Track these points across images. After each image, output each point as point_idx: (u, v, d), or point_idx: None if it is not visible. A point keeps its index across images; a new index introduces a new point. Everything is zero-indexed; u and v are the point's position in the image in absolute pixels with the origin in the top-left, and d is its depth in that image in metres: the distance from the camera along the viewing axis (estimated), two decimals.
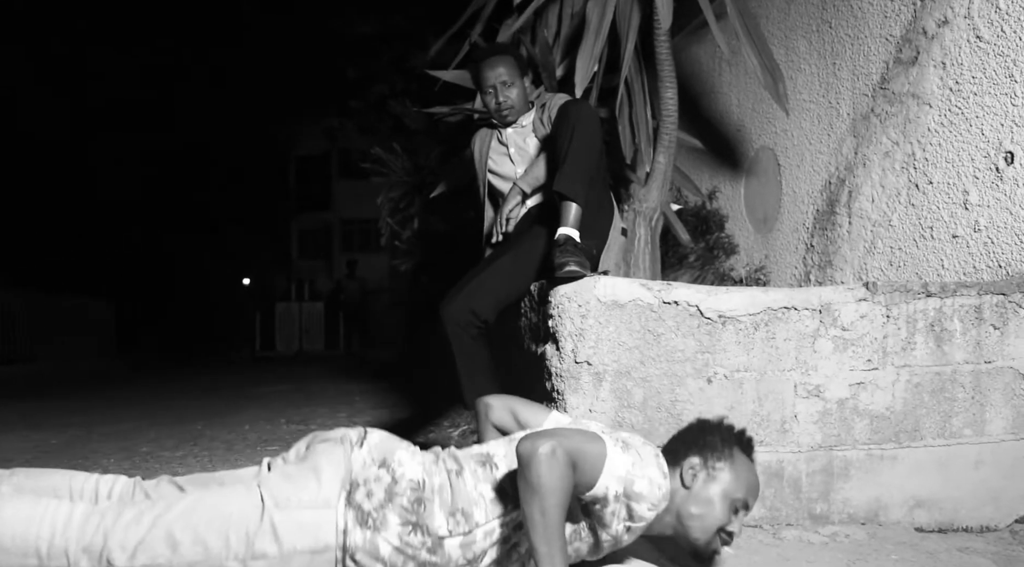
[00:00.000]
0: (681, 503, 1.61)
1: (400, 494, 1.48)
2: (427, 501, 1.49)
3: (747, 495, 1.61)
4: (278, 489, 1.46)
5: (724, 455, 1.63)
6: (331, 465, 1.49)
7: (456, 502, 1.51)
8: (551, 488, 1.37)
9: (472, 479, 1.55)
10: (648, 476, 1.52)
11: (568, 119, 2.40)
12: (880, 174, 2.92)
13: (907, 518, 2.14)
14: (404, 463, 1.53)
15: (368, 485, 1.48)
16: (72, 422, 4.59)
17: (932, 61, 2.68)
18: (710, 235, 3.90)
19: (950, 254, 2.58)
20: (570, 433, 1.48)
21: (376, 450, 1.54)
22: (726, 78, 4.09)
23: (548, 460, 1.37)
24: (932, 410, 2.14)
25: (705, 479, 1.61)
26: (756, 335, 2.12)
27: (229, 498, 1.46)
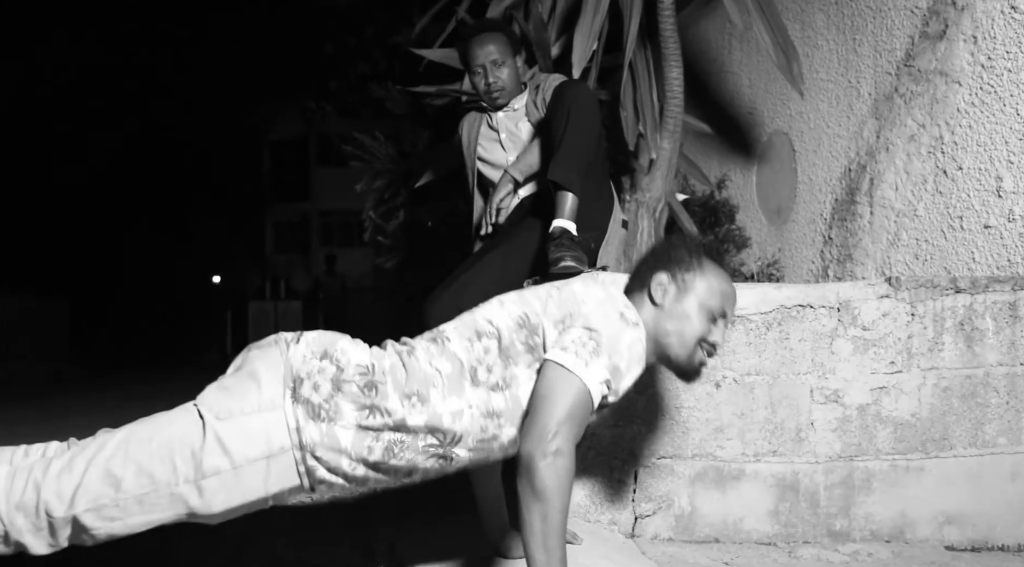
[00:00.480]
0: (655, 323, 1.60)
1: (348, 381, 1.48)
2: (379, 384, 1.48)
3: (723, 302, 1.62)
4: (216, 402, 1.45)
5: (692, 264, 1.63)
6: (269, 367, 1.49)
7: (411, 381, 1.50)
8: (556, 493, 1.36)
9: (425, 355, 1.54)
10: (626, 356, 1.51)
11: (563, 101, 2.38)
12: (905, 160, 2.90)
13: (936, 535, 2.13)
14: (348, 351, 1.53)
15: (312, 378, 1.47)
16: (24, 432, 4.54)
17: (962, 35, 2.66)
18: (719, 227, 3.89)
19: (982, 246, 2.57)
20: (557, 402, 1.43)
21: (315, 343, 1.53)
22: (736, 56, 4.07)
23: (554, 463, 1.37)
24: (962, 417, 2.13)
25: (676, 293, 1.61)
26: (768, 335, 2.10)
27: (166, 422, 1.46)
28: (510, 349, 1.53)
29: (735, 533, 2.13)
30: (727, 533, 2.13)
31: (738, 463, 2.12)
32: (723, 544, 2.12)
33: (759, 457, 2.12)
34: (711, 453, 2.13)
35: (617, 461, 2.14)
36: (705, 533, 2.13)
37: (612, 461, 2.14)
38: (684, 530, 2.13)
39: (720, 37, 4.22)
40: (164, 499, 1.42)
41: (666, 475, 2.13)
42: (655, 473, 2.14)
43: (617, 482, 2.14)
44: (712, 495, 2.13)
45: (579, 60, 2.92)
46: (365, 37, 7.25)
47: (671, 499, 2.13)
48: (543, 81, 2.73)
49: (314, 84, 9.50)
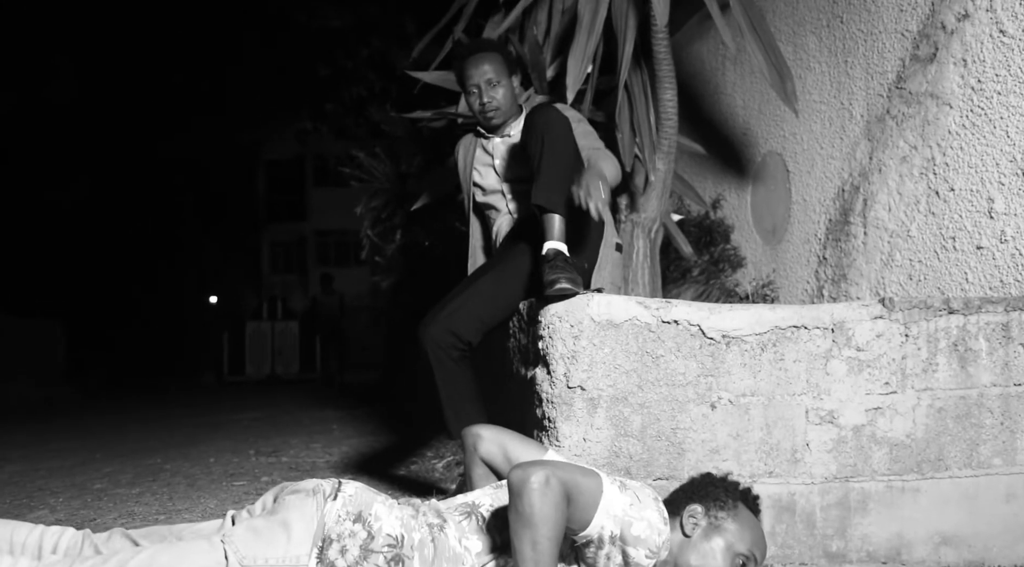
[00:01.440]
0: (680, 553, 1.61)
1: (377, 551, 1.48)
2: (406, 558, 1.49)
3: (752, 549, 1.62)
4: (244, 545, 1.44)
5: (727, 505, 1.65)
6: (302, 519, 1.48)
7: (439, 559, 1.50)
8: (544, 519, 1.37)
9: (456, 532, 1.55)
10: (647, 519, 1.53)
11: (535, 128, 2.41)
12: (897, 181, 2.93)
13: (932, 556, 2.13)
14: (381, 517, 1.53)
15: (342, 541, 1.48)
16: (14, 457, 4.54)
17: (952, 58, 2.70)
18: (714, 247, 3.91)
19: (974, 267, 2.59)
20: (565, 465, 1.49)
21: (351, 503, 1.53)
22: (730, 77, 4.12)
23: (542, 489, 1.38)
24: (957, 437, 2.14)
25: (706, 528, 1.62)
26: (763, 356, 2.12)
27: (189, 553, 1.44)
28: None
29: None
30: None
31: None
32: None
33: (755, 478, 2.12)
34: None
35: None
36: None
37: None
38: None
39: (714, 58, 4.27)
40: None
41: (662, 496, 2.14)
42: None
43: None
44: None
45: (574, 82, 2.96)
46: (360, 59, 7.31)
47: None
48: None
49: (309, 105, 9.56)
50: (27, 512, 2.90)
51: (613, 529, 1.51)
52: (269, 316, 17.91)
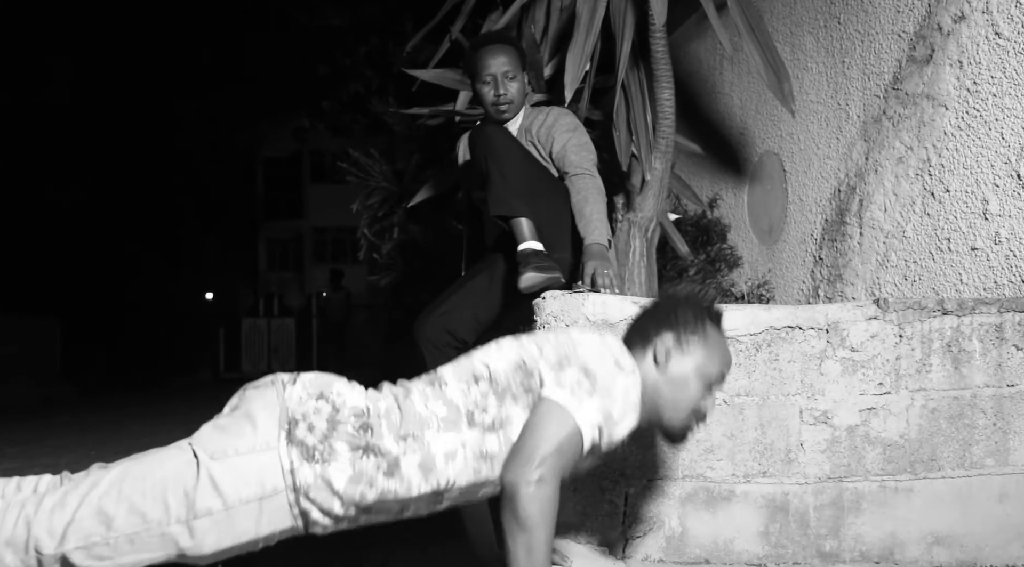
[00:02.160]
0: (654, 385, 1.62)
1: (343, 421, 1.48)
2: (374, 425, 1.49)
3: (721, 368, 1.65)
4: (211, 442, 1.46)
5: (697, 328, 1.65)
6: (265, 408, 1.49)
7: (406, 423, 1.50)
8: (539, 522, 1.37)
9: (421, 398, 1.55)
10: (619, 398, 1.53)
11: (477, 150, 2.51)
12: (893, 181, 2.94)
13: (925, 556, 2.14)
14: (344, 393, 1.53)
15: (308, 419, 1.47)
16: (10, 453, 4.54)
17: (948, 59, 2.71)
18: (711, 246, 3.92)
19: (969, 268, 2.60)
20: (546, 434, 1.45)
21: (311, 385, 1.53)
22: (728, 77, 4.12)
23: (536, 492, 1.38)
24: (950, 438, 2.15)
25: (679, 357, 1.63)
26: (758, 357, 2.13)
27: (160, 461, 1.46)
28: (506, 392, 1.54)
29: (725, 554, 2.14)
30: (717, 554, 2.14)
31: (728, 484, 2.14)
32: (713, 565, 2.13)
33: (749, 478, 2.13)
34: (701, 474, 2.14)
35: (607, 482, 2.15)
36: (695, 554, 2.14)
37: (602, 482, 2.15)
38: (675, 551, 2.14)
39: (711, 58, 4.27)
40: (155, 539, 1.42)
41: (656, 496, 2.15)
42: (645, 494, 2.15)
43: (607, 503, 2.15)
44: (702, 516, 2.14)
45: (571, 81, 2.96)
46: (358, 57, 7.31)
47: (661, 520, 2.15)
48: (536, 117, 2.74)
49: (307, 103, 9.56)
50: None
51: (598, 441, 1.52)
52: (265, 313, 17.89)
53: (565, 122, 2.68)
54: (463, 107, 3.58)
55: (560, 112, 2.73)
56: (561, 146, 2.61)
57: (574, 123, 2.70)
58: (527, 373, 1.55)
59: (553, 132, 2.64)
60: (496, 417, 1.52)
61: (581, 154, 2.60)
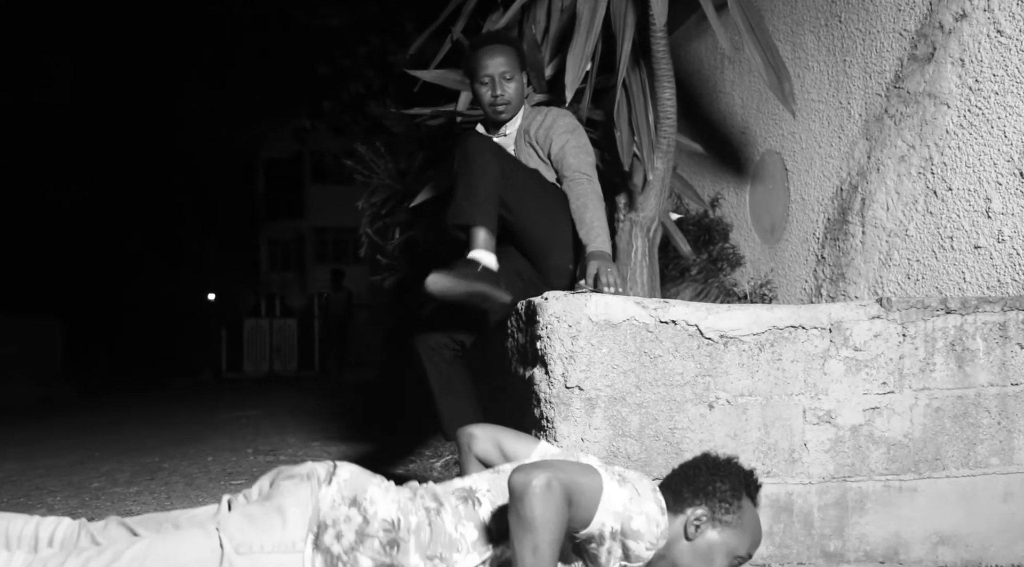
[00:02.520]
0: (679, 553, 1.61)
1: (372, 535, 1.48)
2: (402, 542, 1.49)
3: (749, 550, 1.64)
4: (239, 532, 1.45)
5: (733, 508, 1.63)
6: (297, 505, 1.48)
7: (435, 543, 1.51)
8: (545, 523, 1.37)
9: (452, 517, 1.55)
10: (646, 513, 1.53)
11: (454, 161, 2.52)
12: (895, 180, 2.94)
13: (930, 556, 2.14)
14: (377, 501, 1.53)
15: (337, 526, 1.48)
16: (12, 455, 4.54)
17: (950, 58, 2.70)
18: (713, 246, 3.92)
19: (972, 266, 2.60)
20: (565, 465, 1.49)
21: (346, 487, 1.53)
22: (729, 76, 4.12)
23: (543, 493, 1.38)
24: (954, 437, 2.15)
25: (710, 532, 1.62)
26: (761, 356, 2.12)
27: (185, 543, 1.44)
28: None
29: None
30: None
31: None
32: None
33: None
34: None
35: None
36: None
37: None
38: None
39: (712, 57, 4.27)
40: None
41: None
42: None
43: None
44: None
45: (572, 81, 2.95)
46: (359, 57, 7.30)
47: None
48: (536, 117, 2.73)
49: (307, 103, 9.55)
50: (25, 511, 2.90)
51: (614, 525, 1.51)
52: (267, 313, 17.91)
53: (563, 123, 2.66)
54: (464, 107, 3.58)
55: (559, 113, 2.72)
56: (559, 148, 2.60)
57: (572, 124, 2.68)
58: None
59: (551, 133, 2.63)
60: None
61: (579, 157, 2.59)
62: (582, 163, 2.58)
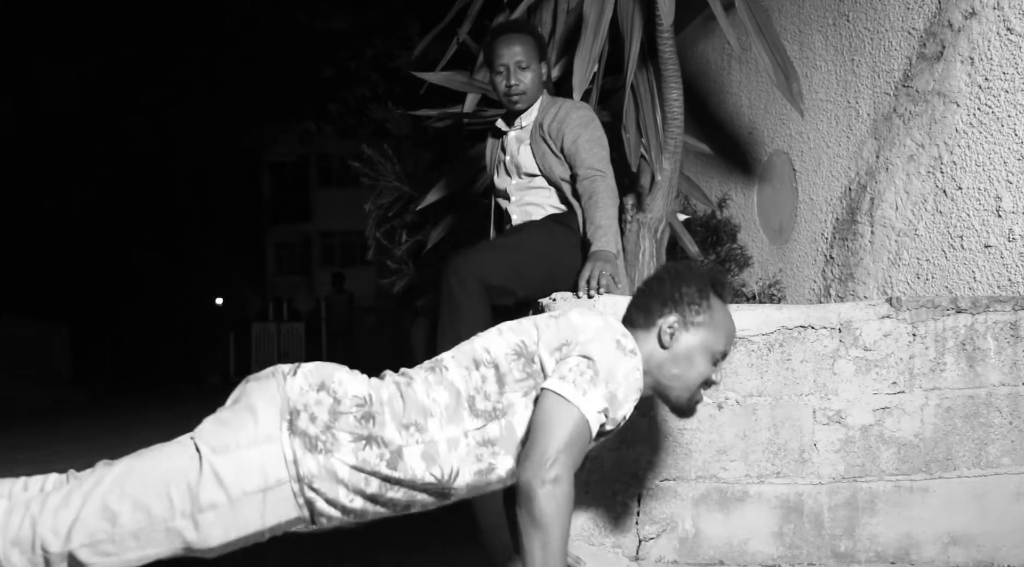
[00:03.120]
0: (660, 365, 1.62)
1: (345, 412, 1.49)
2: (376, 414, 1.49)
3: (727, 343, 1.65)
4: (213, 436, 1.47)
5: (703, 307, 1.63)
6: (265, 400, 1.49)
7: (408, 412, 1.51)
8: (556, 522, 1.38)
9: (423, 386, 1.55)
10: (622, 381, 1.52)
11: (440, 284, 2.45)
12: (904, 179, 2.93)
13: (941, 556, 2.13)
14: (345, 382, 1.53)
15: (309, 409, 1.48)
16: (21, 459, 4.56)
17: (959, 56, 2.70)
18: (721, 247, 3.91)
19: (982, 265, 2.59)
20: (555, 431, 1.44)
21: (312, 375, 1.54)
22: (736, 77, 4.11)
23: (553, 491, 1.38)
24: (966, 437, 2.14)
25: (684, 336, 1.62)
26: (770, 357, 2.12)
27: (163, 457, 1.47)
28: (507, 377, 1.54)
29: (740, 555, 2.13)
30: (732, 555, 2.14)
31: (741, 485, 2.13)
32: (727, 566, 2.13)
33: (762, 479, 2.13)
34: (714, 475, 2.14)
35: (620, 484, 2.15)
36: (709, 555, 2.14)
37: (615, 484, 2.15)
38: (688, 553, 2.14)
39: (720, 58, 4.27)
40: (160, 534, 1.43)
41: (669, 497, 2.14)
42: (658, 495, 2.15)
43: (620, 505, 2.15)
44: (716, 517, 2.14)
45: (580, 82, 2.96)
46: (364, 60, 7.31)
47: (675, 521, 2.14)
48: (550, 110, 2.69)
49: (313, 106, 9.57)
50: None
51: (604, 425, 1.52)
52: (275, 317, 17.95)
53: (578, 116, 2.59)
54: (471, 109, 3.59)
55: (573, 105, 2.67)
56: (572, 142, 2.53)
57: (587, 117, 2.61)
58: (528, 358, 1.55)
59: (564, 127, 2.57)
60: (497, 403, 1.53)
61: (593, 152, 2.52)
62: (595, 158, 2.52)
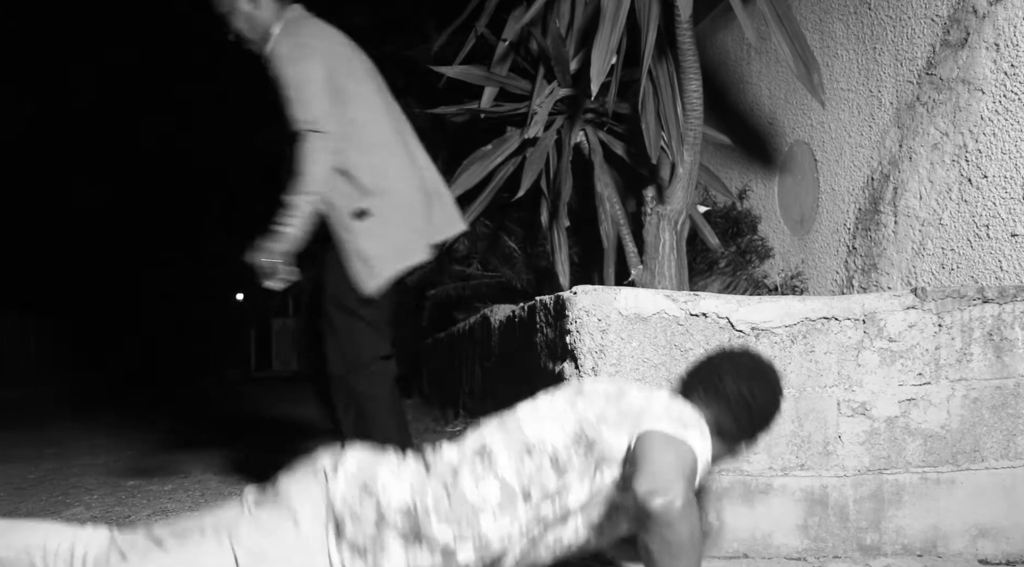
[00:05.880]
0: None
1: (391, 525, 1.45)
2: (423, 523, 1.45)
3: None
4: (252, 542, 1.43)
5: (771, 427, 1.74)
6: (306, 503, 1.46)
7: (455, 511, 1.46)
8: (694, 544, 1.33)
9: (471, 480, 1.49)
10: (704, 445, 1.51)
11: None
12: (928, 168, 2.89)
13: (970, 549, 2.11)
14: (389, 488, 1.48)
15: (355, 516, 1.45)
16: (47, 454, 4.61)
17: (984, 43, 2.66)
18: (741, 238, 3.89)
19: (1009, 254, 2.55)
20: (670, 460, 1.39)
21: (354, 480, 1.49)
22: (755, 67, 4.08)
23: (688, 512, 1.31)
24: (993, 428, 2.12)
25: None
26: (793, 348, 2.10)
27: (198, 557, 1.43)
28: (567, 465, 1.50)
29: (764, 548, 2.12)
30: (756, 548, 2.12)
31: (765, 477, 2.12)
32: (752, 559, 2.11)
33: (787, 471, 2.11)
34: (738, 467, 2.12)
35: None
36: (734, 548, 2.13)
37: None
38: (712, 545, 2.13)
39: (739, 48, 4.23)
40: None
41: None
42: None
43: None
44: (740, 510, 2.13)
45: (598, 74, 2.95)
46: (382, 55, 7.31)
47: None
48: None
49: None
50: (63, 509, 2.95)
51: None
52: (295, 313, 18.06)
53: (279, 53, 2.33)
54: (488, 104, 3.58)
55: (282, 33, 2.41)
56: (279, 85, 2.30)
57: (289, 51, 2.34)
58: (588, 444, 1.50)
59: (274, 67, 2.32)
60: (554, 489, 1.49)
61: (292, 96, 2.30)
62: (295, 106, 2.29)
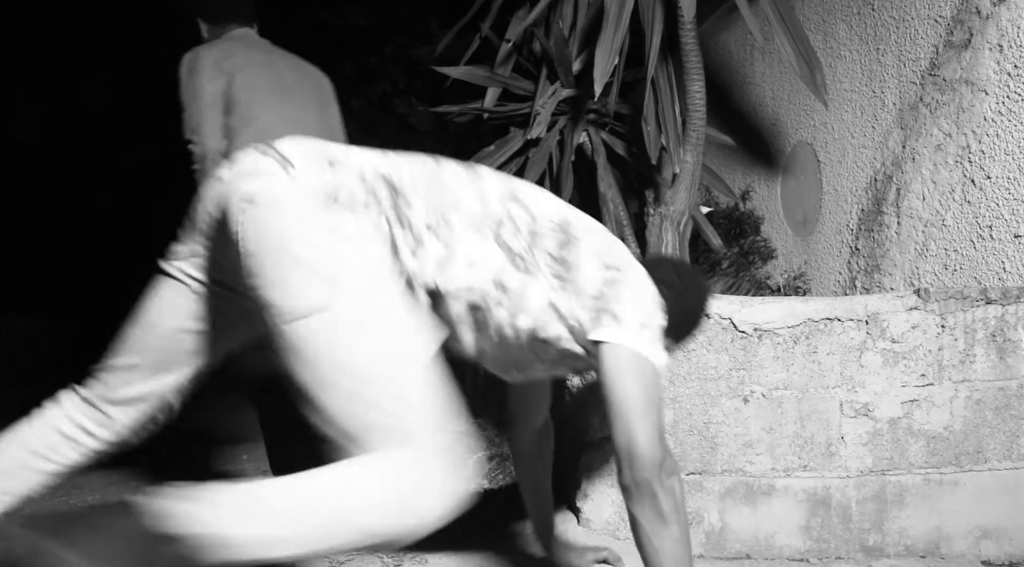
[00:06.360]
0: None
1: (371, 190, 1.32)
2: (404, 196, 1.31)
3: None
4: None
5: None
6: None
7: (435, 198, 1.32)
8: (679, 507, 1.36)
9: (454, 180, 1.37)
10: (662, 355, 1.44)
11: None
12: (931, 169, 2.89)
13: (973, 550, 2.11)
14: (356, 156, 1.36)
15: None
16: None
17: (987, 43, 2.65)
18: (744, 239, 3.88)
19: (1012, 256, 2.55)
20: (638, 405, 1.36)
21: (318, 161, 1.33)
22: (759, 68, 4.07)
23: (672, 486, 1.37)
24: (996, 429, 2.11)
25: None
26: (796, 349, 2.10)
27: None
28: (539, 236, 1.37)
29: (766, 549, 2.12)
30: (758, 549, 2.12)
31: (768, 478, 2.12)
32: (754, 560, 2.11)
33: (789, 472, 2.11)
34: (740, 468, 2.12)
35: None
36: (736, 549, 2.12)
37: None
38: (715, 546, 2.13)
39: (742, 49, 4.23)
40: None
41: (695, 491, 2.13)
42: (684, 489, 2.13)
43: None
44: (742, 511, 2.12)
45: (601, 75, 2.94)
46: (385, 56, 7.32)
47: (701, 515, 2.13)
48: None
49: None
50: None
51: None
52: None
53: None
54: (491, 104, 3.58)
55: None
56: None
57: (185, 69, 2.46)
58: (566, 238, 1.39)
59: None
60: (523, 250, 1.35)
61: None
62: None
